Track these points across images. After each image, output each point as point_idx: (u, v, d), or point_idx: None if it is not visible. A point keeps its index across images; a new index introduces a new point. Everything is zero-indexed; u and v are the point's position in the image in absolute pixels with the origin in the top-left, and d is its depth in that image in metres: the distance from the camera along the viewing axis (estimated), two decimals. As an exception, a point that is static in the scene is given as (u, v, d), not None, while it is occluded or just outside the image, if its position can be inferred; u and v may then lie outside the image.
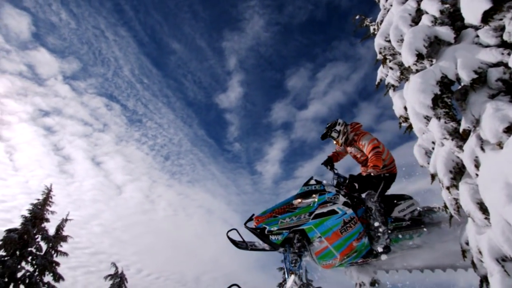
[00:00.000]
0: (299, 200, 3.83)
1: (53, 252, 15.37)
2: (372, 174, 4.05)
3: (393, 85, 4.43)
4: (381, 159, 4.15)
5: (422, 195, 4.96)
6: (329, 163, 5.00)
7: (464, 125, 2.88)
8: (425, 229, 4.35)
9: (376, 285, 4.35)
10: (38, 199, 16.07)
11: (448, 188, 3.11)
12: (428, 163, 3.63)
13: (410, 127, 4.12)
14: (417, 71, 3.50)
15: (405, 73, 4.11)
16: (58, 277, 15.10)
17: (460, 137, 3.02)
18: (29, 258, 14.52)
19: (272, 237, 3.53)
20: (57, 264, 15.34)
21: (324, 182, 4.18)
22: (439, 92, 3.06)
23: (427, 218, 4.53)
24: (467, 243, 3.07)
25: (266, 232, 3.50)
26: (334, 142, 4.85)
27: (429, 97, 3.06)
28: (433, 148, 3.57)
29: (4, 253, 13.95)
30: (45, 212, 15.85)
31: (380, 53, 4.26)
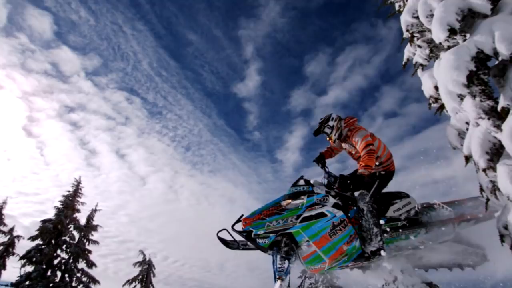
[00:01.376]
0: (288, 201, 3.68)
1: (85, 240, 16.21)
2: (363, 175, 3.79)
3: (421, 64, 4.19)
4: (374, 158, 3.87)
5: (446, 183, 4.74)
6: (321, 160, 4.76)
7: (502, 102, 2.70)
8: (422, 229, 4.13)
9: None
10: (69, 191, 16.90)
11: (484, 170, 2.93)
12: (462, 145, 3.45)
13: (441, 107, 3.90)
14: (449, 47, 3.29)
15: (435, 50, 3.87)
16: (91, 264, 15.95)
17: (498, 116, 2.83)
18: (64, 246, 15.39)
19: (259, 241, 3.44)
20: (89, 251, 16.19)
21: (313, 181, 4.01)
22: (474, 69, 2.86)
23: (425, 217, 4.30)
24: (506, 227, 2.92)
25: (253, 235, 3.41)
26: (327, 138, 4.58)
27: (463, 74, 2.87)
28: (467, 129, 3.38)
29: (41, 242, 14.87)
30: (76, 203, 16.67)
31: (407, 30, 4.03)
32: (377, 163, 4.24)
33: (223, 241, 3.57)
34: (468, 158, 3.31)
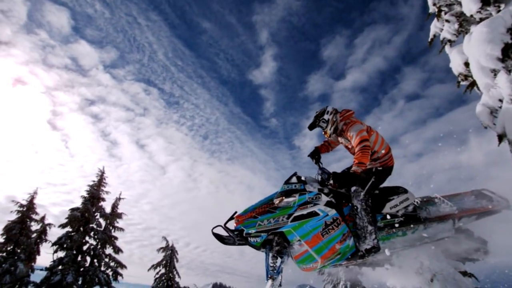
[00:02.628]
0: (280, 199, 3.60)
1: (111, 227, 16.88)
2: (356, 172, 3.61)
3: (449, 40, 3.96)
4: (368, 155, 3.66)
5: (469, 168, 4.53)
6: (316, 155, 4.58)
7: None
8: (421, 225, 3.98)
9: None
10: (94, 181, 17.52)
11: (519, 149, 2.79)
12: (494, 124, 3.27)
13: (471, 85, 3.70)
14: (481, 20, 3.09)
15: (464, 24, 3.65)
16: (117, 250, 16.64)
17: (535, 91, 2.66)
18: (92, 233, 16.10)
19: (251, 239, 3.40)
20: (116, 238, 16.87)
21: (307, 177, 3.90)
22: (510, 41, 2.68)
23: (424, 213, 4.13)
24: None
25: (244, 234, 3.37)
26: (323, 132, 4.39)
27: (498, 47, 2.70)
28: (500, 107, 3.20)
29: (70, 229, 15.59)
30: (100, 193, 17.29)
31: (434, 4, 3.82)
32: (374, 158, 4.11)
33: (219, 237, 3.53)
34: (501, 137, 3.14)
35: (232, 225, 3.49)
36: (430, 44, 4.34)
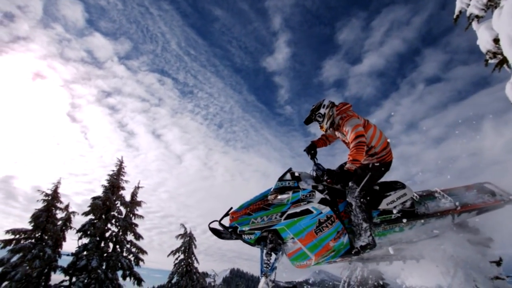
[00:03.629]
0: (274, 196, 3.53)
1: (131, 215, 17.42)
2: (350, 170, 3.51)
3: (477, 16, 3.70)
4: (363, 151, 3.56)
5: (489, 155, 4.32)
6: (312, 150, 4.41)
7: None
8: (418, 221, 3.86)
9: None
10: (113, 171, 18.02)
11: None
12: (525, 104, 3.06)
13: (501, 62, 3.46)
14: (514, -9, 2.85)
15: (494, -3, 3.40)
16: (138, 236, 17.20)
17: None
18: (113, 221, 16.68)
19: (245, 237, 3.40)
20: (136, 225, 17.42)
21: (302, 173, 3.82)
22: (547, 13, 2.47)
23: (422, 208, 4.00)
24: None
25: (238, 231, 3.37)
26: (319, 127, 4.24)
27: (532, 20, 2.49)
28: (532, 85, 2.99)
29: (93, 217, 16.20)
30: (120, 182, 17.79)
31: (460, -22, 3.56)
32: (371, 154, 3.97)
33: (216, 231, 3.53)
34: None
35: (228, 220, 3.49)
36: (455, 21, 4.07)
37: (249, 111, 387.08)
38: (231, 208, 3.53)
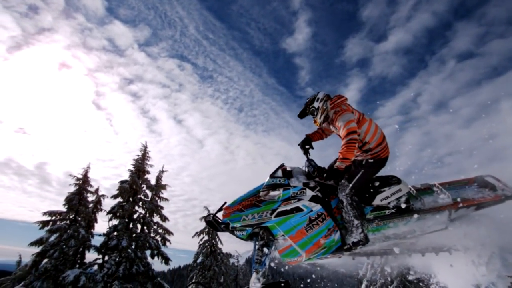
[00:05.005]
0: (265, 192, 3.54)
1: (156, 198, 18.06)
2: (339, 169, 3.42)
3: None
4: (353, 149, 3.43)
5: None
6: (306, 144, 4.26)
7: None
8: (413, 217, 3.73)
9: None
10: (138, 155, 18.61)
11: None
12: None
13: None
14: None
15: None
16: (164, 218, 17.88)
17: None
18: (140, 203, 17.38)
19: (237, 233, 3.45)
20: (161, 207, 18.07)
21: (295, 169, 3.79)
22: None
23: (418, 203, 3.87)
24: None
25: (230, 228, 3.42)
26: (313, 121, 4.08)
27: None
28: None
29: (121, 200, 16.96)
30: (145, 166, 18.39)
31: None
32: (365, 150, 3.81)
33: (211, 224, 3.56)
34: None
35: (222, 216, 3.55)
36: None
37: (269, 94, 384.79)
38: (225, 202, 3.58)
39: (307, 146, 4.23)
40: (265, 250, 3.45)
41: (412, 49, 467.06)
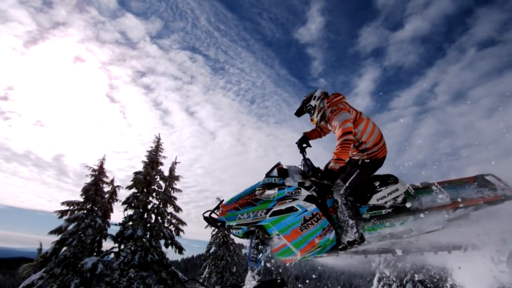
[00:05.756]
0: (261, 191, 3.52)
1: (170, 189, 18.34)
2: (333, 169, 3.42)
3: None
4: (348, 150, 3.39)
5: None
6: (303, 142, 4.20)
7: None
8: (410, 216, 3.70)
9: None
10: (152, 147, 18.88)
11: None
12: None
13: None
14: None
15: None
16: (177, 209, 18.18)
17: None
18: (154, 194, 17.72)
19: (233, 231, 3.50)
20: (175, 198, 18.36)
21: (291, 168, 3.78)
22: None
23: (416, 203, 3.80)
24: None
25: (226, 226, 3.45)
26: (310, 119, 4.01)
27: None
28: None
29: (136, 190, 17.32)
30: (158, 157, 18.66)
31: None
32: (361, 149, 3.73)
33: (209, 221, 3.57)
34: None
35: (219, 213, 3.58)
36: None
37: (282, 85, 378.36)
38: (223, 200, 3.61)
39: (304, 145, 4.20)
40: (261, 248, 3.51)
41: (430, 37, 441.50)
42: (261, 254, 3.48)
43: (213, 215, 3.54)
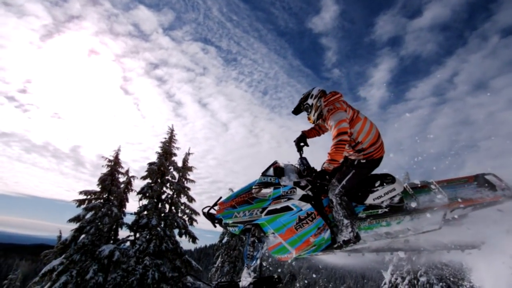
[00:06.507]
0: (257, 190, 3.55)
1: (183, 179, 18.58)
2: (326, 170, 3.44)
3: None
4: (342, 151, 3.39)
5: None
6: (301, 141, 4.17)
7: None
8: (407, 216, 3.68)
9: None
10: (165, 138, 19.10)
11: None
12: None
13: None
14: None
15: None
16: (190, 199, 18.43)
17: None
18: (168, 184, 17.99)
19: (230, 228, 3.56)
20: (188, 189, 18.60)
21: (286, 167, 3.79)
22: None
23: (413, 203, 3.74)
24: None
25: (223, 224, 3.53)
26: (307, 118, 3.99)
27: None
28: None
29: (150, 181, 17.63)
30: (172, 148, 18.87)
31: None
32: (358, 150, 3.69)
33: (210, 218, 3.63)
34: None
35: (216, 211, 3.65)
36: None
37: (295, 76, 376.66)
38: (221, 197, 3.68)
39: (301, 144, 4.19)
40: (257, 245, 3.58)
41: (450, 25, 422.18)
42: (257, 252, 3.56)
43: (212, 211, 3.62)
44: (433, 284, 16.82)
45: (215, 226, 3.73)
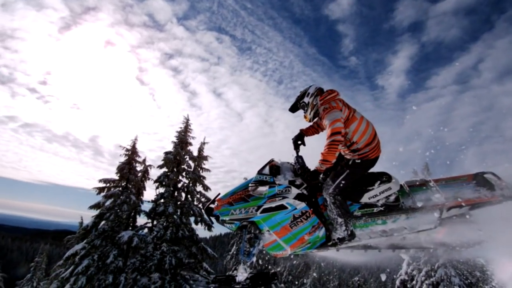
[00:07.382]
0: (254, 187, 3.61)
1: (199, 168, 18.81)
2: (318, 170, 3.46)
3: None
4: (335, 151, 3.37)
5: None
6: (299, 139, 4.14)
7: None
8: (402, 215, 3.68)
9: None
10: (181, 128, 19.30)
11: None
12: None
13: None
14: None
15: None
16: (206, 188, 18.67)
17: None
18: (184, 173, 18.27)
19: (226, 225, 3.63)
20: (204, 178, 18.83)
21: (282, 165, 3.84)
22: None
23: (409, 201, 3.78)
24: None
25: (220, 220, 3.59)
26: (304, 116, 4.00)
27: None
28: None
29: (166, 170, 17.96)
30: (187, 138, 19.07)
31: None
32: (353, 149, 3.66)
33: (209, 214, 3.70)
34: None
35: (214, 207, 3.71)
36: None
37: (310, 65, 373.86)
38: (219, 194, 3.75)
39: (299, 142, 4.16)
40: (253, 242, 3.67)
41: (476, 8, 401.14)
42: (253, 248, 3.66)
43: (211, 206, 3.70)
44: (450, 277, 16.53)
45: (212, 223, 3.83)
